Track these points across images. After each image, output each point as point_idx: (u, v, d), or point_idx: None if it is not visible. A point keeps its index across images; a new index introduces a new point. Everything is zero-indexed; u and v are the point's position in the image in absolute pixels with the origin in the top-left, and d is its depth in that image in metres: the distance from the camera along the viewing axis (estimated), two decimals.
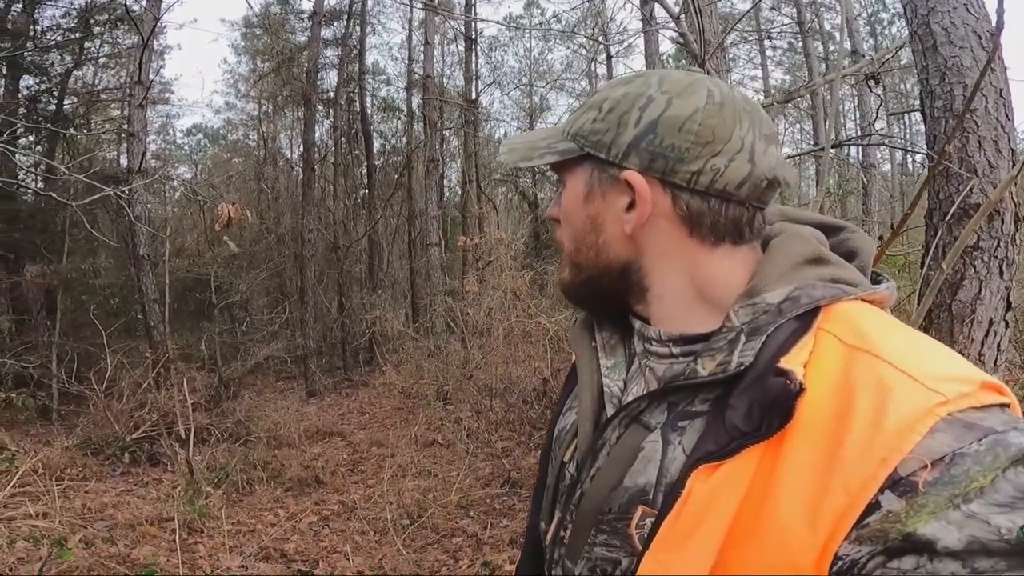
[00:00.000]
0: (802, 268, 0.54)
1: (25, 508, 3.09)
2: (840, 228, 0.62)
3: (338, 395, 8.41)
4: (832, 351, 0.48)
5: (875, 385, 0.44)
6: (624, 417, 0.57)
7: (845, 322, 0.50)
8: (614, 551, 0.54)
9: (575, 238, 0.60)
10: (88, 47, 9.96)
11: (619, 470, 0.55)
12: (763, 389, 0.47)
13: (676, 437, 0.52)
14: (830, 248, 0.59)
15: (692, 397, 0.53)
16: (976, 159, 1.99)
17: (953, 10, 2.02)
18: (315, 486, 4.57)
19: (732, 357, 0.50)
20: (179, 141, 17.27)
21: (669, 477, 0.51)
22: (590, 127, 0.57)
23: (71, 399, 6.10)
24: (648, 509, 0.52)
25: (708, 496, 0.47)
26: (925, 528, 0.40)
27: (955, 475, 0.40)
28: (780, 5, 11.92)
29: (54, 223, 8.54)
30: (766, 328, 0.50)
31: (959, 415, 0.42)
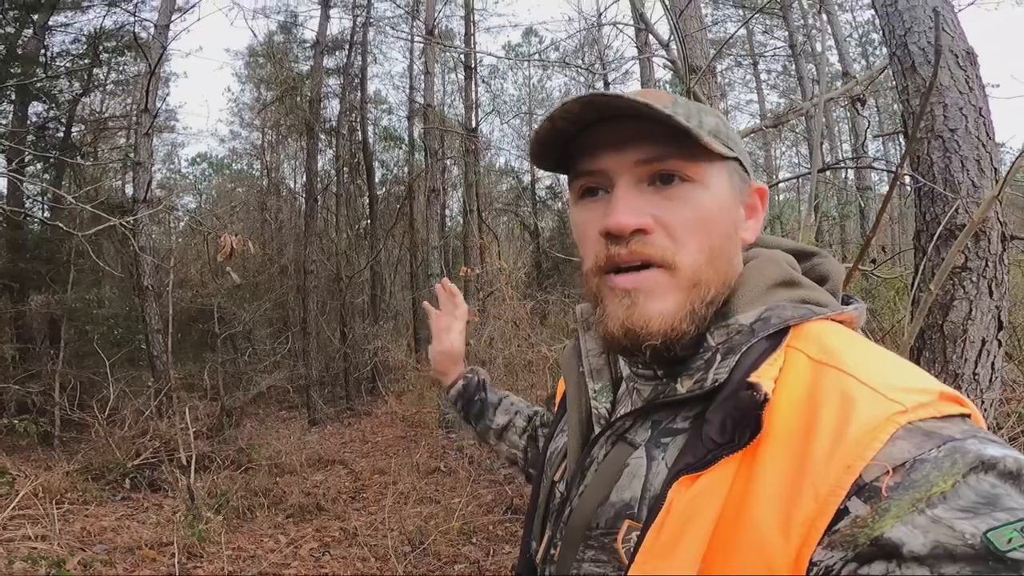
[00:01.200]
0: (774, 291, 0.57)
1: (24, 530, 3.08)
2: (812, 254, 0.65)
3: (340, 424, 8.37)
4: (800, 366, 0.50)
5: (839, 397, 0.46)
6: (610, 435, 0.60)
7: (813, 340, 0.52)
8: (602, 566, 0.55)
9: (713, 247, 0.54)
10: (96, 74, 10.16)
11: (606, 486, 0.56)
12: (734, 402, 0.49)
13: (659, 453, 0.54)
14: (802, 272, 0.62)
15: (674, 415, 0.55)
16: (960, 179, 2.04)
17: (929, 30, 2.09)
18: (316, 513, 4.53)
19: (708, 375, 0.53)
20: (184, 170, 17.49)
21: (653, 491, 0.52)
22: (729, 133, 0.57)
23: (73, 426, 6.09)
24: (634, 523, 0.53)
25: (688, 506, 0.48)
26: (891, 532, 0.40)
27: (915, 480, 0.41)
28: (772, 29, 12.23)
29: (60, 253, 8.63)
30: (739, 347, 0.53)
31: (919, 424, 0.44)
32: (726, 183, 0.56)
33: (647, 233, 0.53)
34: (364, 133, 12.12)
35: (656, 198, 0.54)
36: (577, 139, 0.56)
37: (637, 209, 0.53)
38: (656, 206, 0.53)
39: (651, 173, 0.54)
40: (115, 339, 8.52)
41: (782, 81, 15.33)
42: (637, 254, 0.53)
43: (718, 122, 0.56)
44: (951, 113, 2.06)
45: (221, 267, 11.81)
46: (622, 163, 0.54)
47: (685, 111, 0.54)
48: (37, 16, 8.42)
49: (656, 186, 0.54)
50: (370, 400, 9.64)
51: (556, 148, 0.58)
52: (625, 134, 0.53)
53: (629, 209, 0.52)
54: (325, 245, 11.93)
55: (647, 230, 0.53)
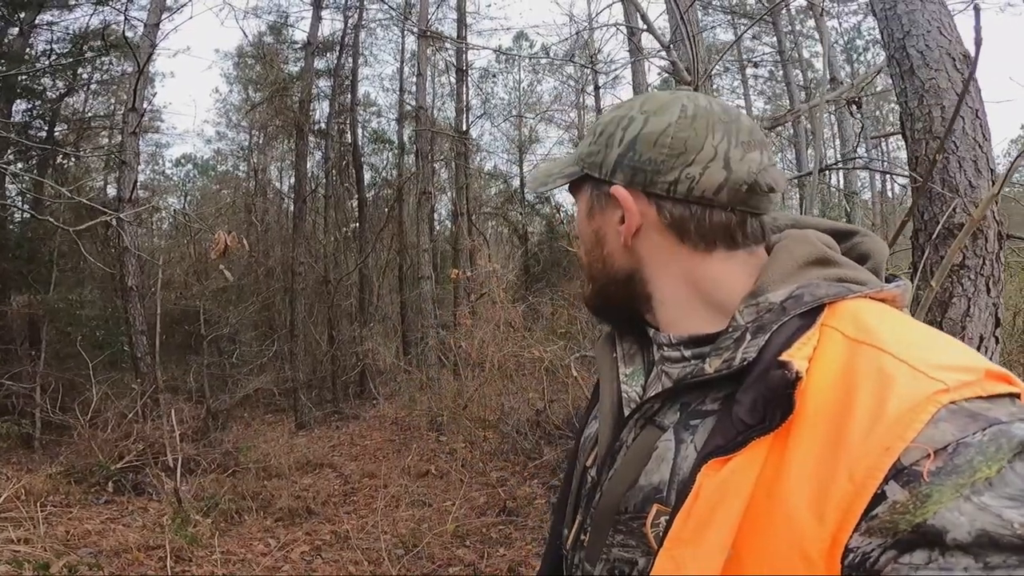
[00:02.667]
0: (807, 269, 0.55)
1: (7, 533, 2.99)
2: (852, 233, 0.63)
3: (328, 427, 8.28)
4: (836, 345, 0.49)
5: (876, 375, 0.45)
6: (639, 418, 0.59)
7: (849, 318, 0.51)
8: (631, 551, 0.54)
9: (586, 252, 0.66)
10: (80, 73, 10.05)
11: (634, 470, 0.56)
12: (765, 382, 0.47)
13: (688, 436, 0.53)
14: (842, 252, 0.60)
15: (703, 396, 0.54)
16: (957, 179, 2.08)
17: (927, 33, 2.13)
18: (306, 516, 4.46)
19: (737, 354, 0.51)
20: (168, 171, 17.29)
21: (681, 475, 0.52)
22: (587, 150, 0.63)
23: (54, 429, 5.95)
24: (662, 507, 0.52)
25: (718, 490, 0.47)
26: (934, 519, 0.39)
27: (958, 464, 0.40)
28: (761, 35, 12.40)
29: (41, 252, 8.48)
30: (770, 326, 0.51)
31: (964, 404, 0.42)
32: (583, 201, 0.65)
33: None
34: (354, 135, 12.07)
35: None
36: None
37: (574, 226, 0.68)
38: None
39: None
40: (97, 341, 8.36)
41: (768, 87, 15.57)
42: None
43: (588, 142, 0.63)
44: (948, 115, 2.09)
45: (206, 268, 11.68)
46: None
47: (583, 140, 0.65)
48: (24, 14, 8.30)
49: None
50: (358, 403, 9.55)
51: None
52: None
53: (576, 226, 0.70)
54: (313, 247, 11.83)
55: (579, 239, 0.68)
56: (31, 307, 7.82)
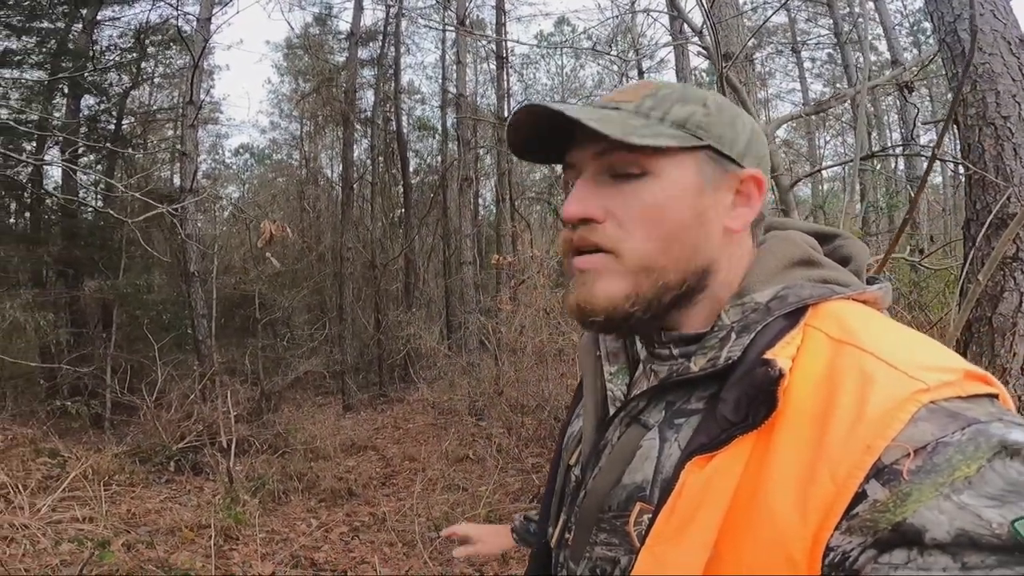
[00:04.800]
0: (791, 270, 0.56)
1: (73, 512, 3.25)
2: (834, 236, 0.63)
3: (373, 410, 8.53)
4: (819, 345, 0.49)
5: (858, 374, 0.45)
6: (624, 417, 0.59)
7: (832, 318, 0.51)
8: (613, 549, 0.55)
9: (665, 235, 0.54)
10: (143, 67, 10.49)
11: (619, 468, 0.56)
12: (749, 380, 0.48)
13: (672, 434, 0.53)
14: (824, 254, 0.60)
15: (688, 395, 0.54)
16: (1012, 167, 1.93)
17: (980, 16, 1.97)
18: (347, 498, 4.64)
19: (722, 353, 0.52)
20: (228, 160, 18.02)
21: (665, 473, 0.52)
22: (704, 120, 0.56)
23: (123, 409, 6.36)
24: (645, 505, 0.52)
25: (701, 488, 0.47)
26: (914, 518, 0.39)
27: (937, 463, 0.40)
28: (816, 17, 11.72)
29: (112, 240, 9.02)
30: (755, 326, 0.52)
31: (943, 404, 0.42)
32: (690, 173, 0.55)
33: (596, 222, 0.55)
34: (398, 123, 12.20)
35: (611, 190, 0.55)
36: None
37: (585, 200, 0.55)
38: (609, 197, 0.55)
39: (606, 166, 0.56)
40: (164, 324, 8.86)
41: (827, 70, 14.72)
42: (583, 240, 0.56)
43: (694, 111, 0.56)
44: (1004, 100, 1.94)
45: (262, 254, 12.16)
46: (584, 157, 0.57)
47: (652, 103, 0.56)
48: (86, 11, 8.71)
49: (615, 179, 0.55)
50: (403, 387, 9.79)
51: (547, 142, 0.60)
52: (587, 131, 0.54)
53: (576, 200, 0.55)
54: (361, 233, 12.12)
55: (595, 219, 0.55)
56: (102, 292, 8.35)
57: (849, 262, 0.60)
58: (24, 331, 6.53)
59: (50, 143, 8.12)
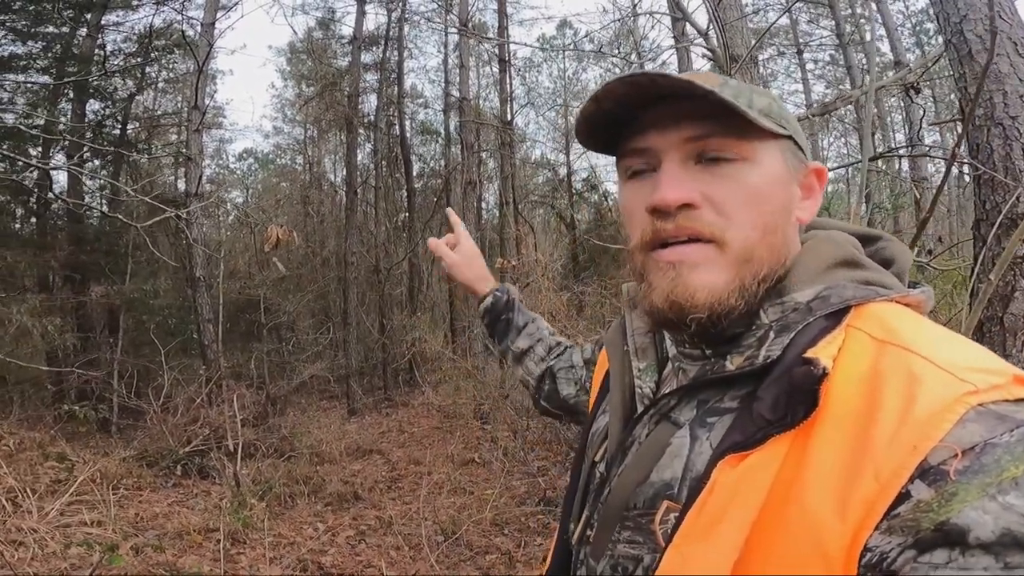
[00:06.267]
0: (834, 270, 0.55)
1: (81, 516, 3.26)
2: (877, 238, 0.62)
3: (378, 414, 8.54)
4: (862, 346, 0.48)
5: (904, 375, 0.44)
6: (654, 414, 0.58)
7: (876, 320, 0.50)
8: (637, 547, 0.54)
9: (765, 223, 0.53)
10: (148, 72, 10.53)
11: (646, 466, 0.55)
12: (789, 379, 0.47)
13: (704, 433, 0.52)
14: (866, 256, 0.59)
15: (722, 394, 0.53)
16: (1021, 167, 1.92)
17: (985, 17, 1.97)
18: (354, 501, 4.65)
19: (760, 352, 0.51)
20: (232, 165, 18.09)
21: (695, 471, 0.51)
22: (780, 112, 0.56)
23: (130, 413, 6.38)
24: (672, 504, 0.51)
25: (733, 487, 0.46)
26: (958, 518, 0.38)
27: (985, 463, 0.39)
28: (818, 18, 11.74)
29: (118, 245, 9.05)
30: (795, 326, 0.51)
31: (991, 406, 0.42)
32: (779, 161, 0.55)
33: (694, 208, 0.52)
34: (401, 127, 12.25)
35: (704, 175, 0.53)
36: (625, 121, 0.56)
37: (683, 185, 0.52)
38: (704, 183, 0.53)
39: (698, 151, 0.53)
40: (170, 328, 8.88)
41: (829, 71, 14.71)
42: (683, 228, 0.53)
43: (770, 102, 0.55)
44: (1011, 100, 1.93)
45: (267, 259, 12.20)
46: (669, 141, 0.54)
47: (734, 91, 0.53)
48: (90, 15, 8.76)
49: (704, 164, 0.53)
50: (407, 391, 9.80)
51: (603, 130, 0.58)
52: (672, 113, 0.53)
53: (675, 184, 0.52)
54: (365, 237, 12.16)
55: (694, 205, 0.52)
56: (109, 297, 8.38)
57: (891, 264, 0.59)
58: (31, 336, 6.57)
59: (55, 148, 8.17)
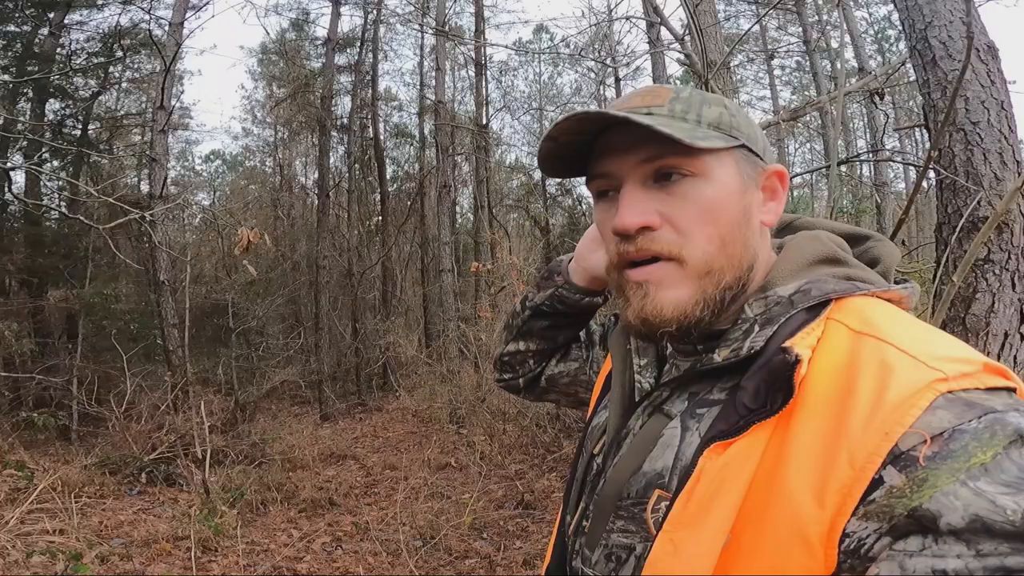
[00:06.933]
0: (815, 267, 0.57)
1: (43, 524, 3.13)
2: (866, 237, 0.65)
3: (352, 419, 8.42)
4: (840, 337, 0.50)
5: (878, 364, 0.46)
6: (647, 406, 0.60)
7: (855, 312, 0.52)
8: (630, 536, 0.55)
9: (722, 235, 0.55)
10: (111, 72, 10.25)
11: (639, 456, 0.57)
12: (767, 368, 0.49)
13: (694, 423, 0.54)
14: (855, 255, 0.61)
15: (711, 386, 0.55)
16: (982, 171, 2.01)
17: (950, 24, 2.06)
18: (329, 508, 4.56)
19: (744, 344, 0.53)
20: (198, 167, 17.67)
21: (684, 461, 0.52)
22: (732, 121, 0.57)
23: (90, 421, 6.16)
24: (663, 493, 0.53)
25: (719, 474, 0.48)
26: (930, 503, 0.39)
27: (953, 450, 0.40)
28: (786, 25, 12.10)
29: (77, 249, 8.73)
30: (778, 318, 0.53)
31: (961, 394, 0.43)
32: (732, 171, 0.56)
33: (653, 229, 0.55)
34: (375, 130, 12.14)
35: (661, 195, 0.55)
36: (588, 146, 0.59)
37: (640, 208, 0.54)
38: (661, 202, 0.55)
39: (653, 171, 0.55)
40: (132, 334, 8.60)
41: (795, 77, 15.16)
42: (644, 250, 0.55)
43: (721, 111, 0.57)
44: (973, 106, 2.02)
45: (235, 262, 11.92)
46: (626, 165, 0.56)
47: (684, 105, 0.56)
48: (53, 14, 8.50)
49: (660, 183, 0.55)
50: (381, 396, 9.68)
51: (568, 159, 0.60)
52: (627, 137, 0.55)
53: (632, 209, 0.54)
54: (337, 241, 11.99)
55: (652, 227, 0.55)
56: (68, 301, 8.08)
57: (877, 263, 0.61)
58: None
59: (13, 148, 7.86)
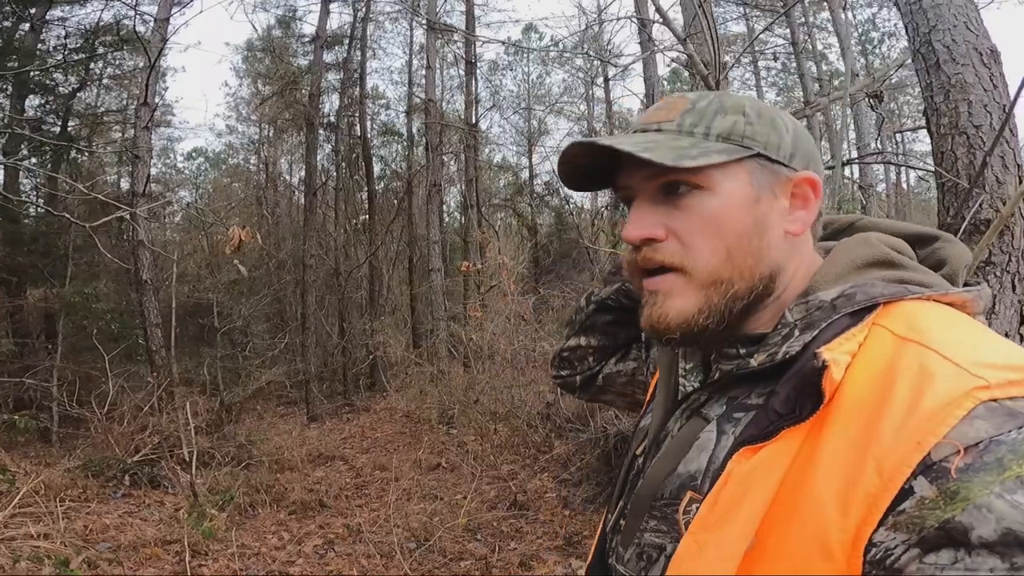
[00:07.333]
0: (864, 270, 0.55)
1: (26, 528, 3.04)
2: (934, 238, 0.62)
3: (339, 420, 8.34)
4: (882, 343, 0.48)
5: (917, 371, 0.44)
6: (685, 409, 0.61)
7: (902, 318, 0.50)
8: (661, 536, 0.55)
9: (728, 248, 0.54)
10: (92, 69, 10.11)
11: (675, 458, 0.57)
12: (800, 374, 0.48)
13: (730, 427, 0.54)
14: (920, 259, 0.59)
15: (749, 391, 0.55)
16: (984, 175, 2.03)
17: (954, 28, 2.08)
18: (319, 509, 4.50)
19: (781, 349, 0.52)
20: (180, 165, 17.39)
21: (717, 464, 0.53)
22: (748, 129, 0.56)
23: (71, 422, 6.03)
24: (695, 495, 0.53)
25: (746, 478, 0.47)
26: (961, 516, 0.38)
27: (988, 462, 0.39)
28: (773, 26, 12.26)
29: (57, 247, 8.54)
30: (819, 323, 0.51)
31: (1006, 403, 0.41)
32: (743, 182, 0.55)
33: (658, 241, 0.56)
34: (363, 128, 12.04)
35: (669, 208, 0.56)
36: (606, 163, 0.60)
37: (645, 221, 0.56)
38: (668, 215, 0.56)
39: (660, 185, 0.56)
40: (112, 334, 8.43)
41: (780, 79, 15.34)
42: (648, 260, 0.57)
43: (736, 121, 0.56)
44: (976, 110, 2.04)
45: (218, 261, 11.74)
46: (636, 179, 0.57)
47: (694, 119, 0.56)
48: (35, 10, 8.33)
49: (669, 196, 0.56)
50: (368, 396, 9.60)
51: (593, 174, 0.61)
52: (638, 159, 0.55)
53: (636, 222, 0.56)
54: (324, 240, 11.87)
55: (656, 239, 0.56)
56: (47, 301, 7.90)
57: (943, 265, 0.59)
58: None
59: None
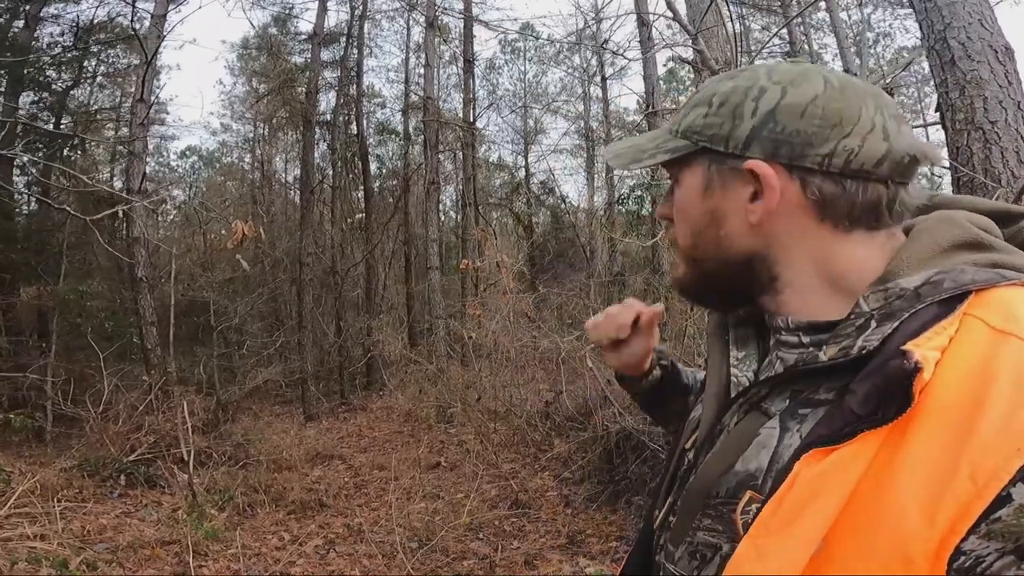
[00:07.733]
0: (952, 253, 0.50)
1: (23, 529, 2.99)
2: (1021, 215, 0.57)
3: (336, 419, 8.29)
4: (977, 336, 0.45)
5: (1018, 370, 0.41)
6: (744, 403, 0.57)
7: (999, 306, 0.46)
8: (716, 536, 0.53)
9: (692, 233, 0.59)
10: (85, 66, 10.03)
11: (732, 455, 0.54)
12: (882, 372, 0.44)
13: (795, 424, 0.50)
14: (1005, 238, 0.54)
15: (817, 386, 0.51)
16: (1000, 170, 2.02)
17: (968, 25, 2.07)
18: (319, 509, 4.46)
19: (856, 342, 0.48)
20: (173, 163, 17.27)
21: (781, 463, 0.49)
22: (702, 122, 0.56)
23: (65, 421, 5.95)
24: (755, 495, 0.50)
25: (815, 481, 0.44)
26: None
27: None
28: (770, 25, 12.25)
29: (50, 244, 8.46)
30: (900, 314, 0.47)
31: None
32: (697, 176, 0.58)
33: (670, 221, 0.64)
34: (360, 126, 11.99)
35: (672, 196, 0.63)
36: None
37: (664, 206, 0.64)
38: (670, 203, 0.63)
39: None
40: (106, 332, 8.35)
41: None
42: (669, 235, 0.65)
43: (699, 113, 0.57)
44: (991, 106, 2.04)
45: (212, 260, 11.66)
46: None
47: (680, 115, 0.60)
48: (29, 6, 8.26)
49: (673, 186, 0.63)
50: (365, 394, 9.55)
51: None
52: None
53: (660, 205, 0.66)
54: (320, 238, 11.81)
55: (668, 219, 0.64)
56: (40, 298, 7.81)
57: None
58: None
59: None
